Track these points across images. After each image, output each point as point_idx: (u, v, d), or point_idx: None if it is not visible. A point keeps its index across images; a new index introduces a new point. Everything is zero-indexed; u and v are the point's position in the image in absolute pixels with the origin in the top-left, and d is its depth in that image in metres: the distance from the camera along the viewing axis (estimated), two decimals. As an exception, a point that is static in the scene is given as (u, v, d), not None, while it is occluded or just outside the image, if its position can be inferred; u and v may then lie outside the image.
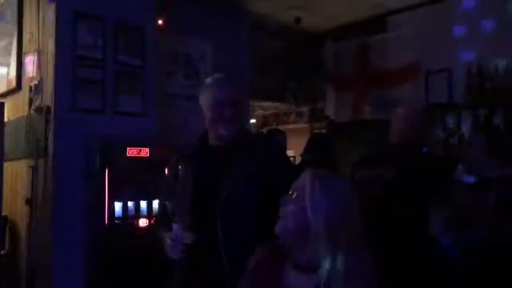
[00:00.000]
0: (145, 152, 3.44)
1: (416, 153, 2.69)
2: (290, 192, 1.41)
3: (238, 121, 1.90)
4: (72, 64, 3.37)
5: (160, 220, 2.02)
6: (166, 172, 2.47)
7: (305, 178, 1.38)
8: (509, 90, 4.11)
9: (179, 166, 1.87)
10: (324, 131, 5.43)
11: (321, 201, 1.33)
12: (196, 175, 1.86)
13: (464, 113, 4.38)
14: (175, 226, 1.78)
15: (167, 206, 1.93)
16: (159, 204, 1.93)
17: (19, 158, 3.63)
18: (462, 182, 3.31)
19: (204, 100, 1.96)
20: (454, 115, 4.43)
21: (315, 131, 5.67)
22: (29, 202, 3.38)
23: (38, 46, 3.51)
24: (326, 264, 1.28)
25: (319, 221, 1.31)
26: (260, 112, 6.60)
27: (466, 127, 4.29)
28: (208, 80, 2.04)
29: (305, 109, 5.83)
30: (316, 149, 3.61)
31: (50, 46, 3.39)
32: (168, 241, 1.80)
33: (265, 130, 6.06)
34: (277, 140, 3.87)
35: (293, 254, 1.39)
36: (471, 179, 2.93)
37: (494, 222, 2.53)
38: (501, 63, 4.16)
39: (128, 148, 3.36)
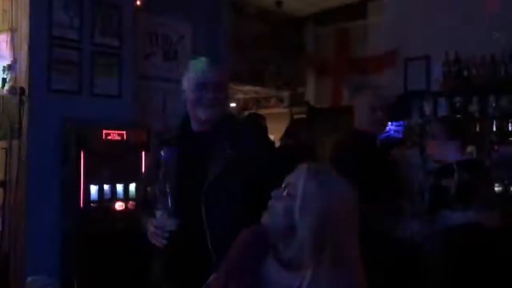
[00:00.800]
0: (121, 135, 3.41)
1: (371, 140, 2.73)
2: (282, 186, 1.35)
3: (220, 104, 1.86)
4: (47, 44, 3.30)
5: (143, 206, 1.98)
6: (148, 156, 2.44)
7: (300, 175, 1.31)
8: (485, 78, 4.16)
9: (161, 151, 1.85)
10: (303, 116, 5.44)
11: (312, 205, 1.26)
12: (179, 160, 1.83)
13: (440, 100, 4.42)
14: (158, 213, 1.75)
15: (149, 192, 1.89)
16: (141, 190, 1.89)
17: (-8, 140, 3.57)
18: (424, 168, 3.37)
19: (186, 82, 1.93)
20: (431, 102, 4.48)
21: (295, 116, 5.68)
22: (2, 184, 3.32)
23: (12, 24, 3.42)
24: (310, 266, 1.24)
25: (306, 226, 1.25)
26: (240, 96, 6.58)
27: (442, 114, 4.34)
28: (191, 62, 2.00)
29: (285, 94, 5.83)
30: (295, 134, 3.62)
31: (24, 25, 3.31)
32: (151, 228, 1.77)
33: (245, 114, 6.04)
34: (261, 125, 3.85)
35: (277, 248, 1.35)
36: (431, 165, 3.00)
37: (455, 206, 2.57)
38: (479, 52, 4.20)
39: (104, 131, 3.32)
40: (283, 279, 1.30)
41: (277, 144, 3.99)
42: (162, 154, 1.81)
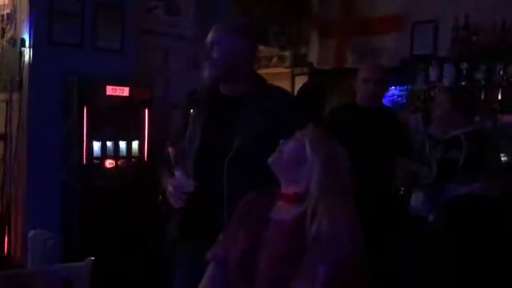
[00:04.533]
0: (125, 91, 3.34)
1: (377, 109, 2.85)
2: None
3: (216, 64, 1.81)
4: (49, -6, 3.18)
5: (164, 164, 1.93)
6: (178, 115, 2.41)
7: (306, 129, 1.48)
8: (494, 44, 4.09)
9: (190, 111, 1.82)
10: (310, 78, 5.37)
11: (320, 140, 1.44)
12: (206, 124, 1.81)
13: (446, 66, 4.36)
14: (178, 174, 1.73)
15: (171, 151, 1.85)
16: (166, 148, 1.87)
17: (-11, 91, 3.49)
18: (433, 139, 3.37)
19: None
20: (437, 68, 4.41)
21: (297, 75, 5.60)
22: (3, 137, 3.27)
23: (11, -28, 3.28)
24: (316, 188, 1.37)
25: (316, 154, 1.40)
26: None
27: (448, 81, 4.29)
28: None
29: (287, 53, 5.71)
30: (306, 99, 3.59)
31: (24, -27, 3.18)
32: (169, 188, 1.76)
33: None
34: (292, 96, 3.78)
35: (281, 187, 1.46)
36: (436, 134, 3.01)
37: (462, 179, 2.58)
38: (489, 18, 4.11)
39: (107, 87, 3.25)
40: (287, 211, 1.41)
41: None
42: (191, 114, 1.79)
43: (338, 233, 1.30)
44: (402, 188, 3.13)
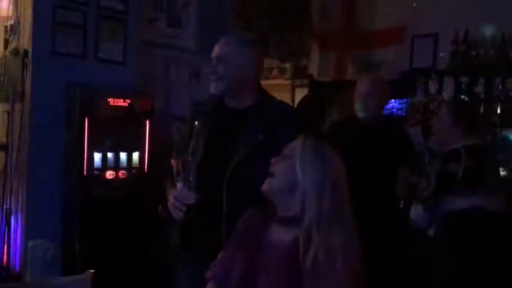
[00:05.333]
0: (126, 102, 3.35)
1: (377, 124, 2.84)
2: (281, 154, 1.46)
3: (221, 78, 1.83)
4: (52, 5, 3.20)
5: (168, 175, 1.95)
6: (183, 126, 2.43)
7: (297, 141, 1.45)
8: (493, 58, 4.12)
9: (195, 123, 1.84)
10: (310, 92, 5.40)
11: (310, 161, 1.39)
12: (210, 136, 1.82)
13: (446, 80, 4.39)
14: (180, 185, 1.74)
15: (174, 163, 1.87)
16: (169, 159, 1.88)
17: (-8, 101, 3.50)
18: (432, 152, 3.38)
19: None
20: (437, 81, 4.44)
21: (297, 87, 5.62)
22: (4, 147, 3.27)
23: (15, -17, 3.31)
24: (309, 214, 1.34)
25: (307, 178, 1.37)
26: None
27: (447, 94, 4.31)
28: None
29: (288, 65, 5.74)
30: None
31: (28, -16, 3.20)
32: (170, 199, 1.78)
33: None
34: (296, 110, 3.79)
35: (278, 210, 1.45)
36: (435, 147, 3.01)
37: (460, 192, 2.58)
38: (488, 32, 4.15)
39: (109, 98, 3.26)
40: (282, 234, 1.41)
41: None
42: (195, 126, 1.82)
43: (335, 264, 1.28)
44: (402, 202, 3.14)
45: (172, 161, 1.78)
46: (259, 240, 1.44)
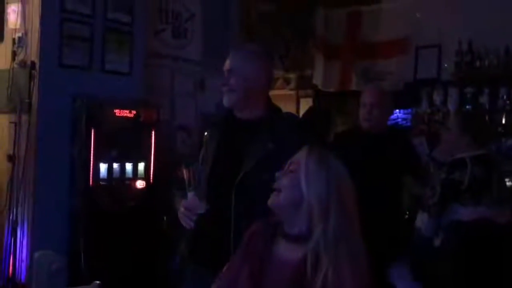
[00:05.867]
0: (132, 113, 3.37)
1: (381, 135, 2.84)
2: (286, 167, 1.44)
3: (232, 90, 1.85)
4: (59, 18, 3.24)
5: (177, 185, 1.95)
6: (194, 137, 2.45)
7: (301, 153, 1.42)
8: (498, 69, 4.13)
9: (205, 134, 1.85)
10: (310, 99, 5.42)
11: (315, 175, 1.36)
12: (219, 147, 1.84)
13: (451, 90, 4.40)
14: (190, 195, 1.75)
15: (185, 173, 1.88)
16: (178, 169, 1.90)
17: (-1, 112, 3.53)
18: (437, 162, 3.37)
19: None
20: (441, 92, 4.45)
21: (301, 98, 5.65)
22: (11, 158, 3.29)
23: (23, -5, 3.35)
24: (317, 234, 1.31)
25: (312, 194, 1.34)
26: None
27: (452, 104, 4.32)
28: None
29: (292, 75, 5.76)
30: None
31: (36, -3, 3.24)
32: (181, 209, 1.78)
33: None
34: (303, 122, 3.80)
35: (284, 226, 1.42)
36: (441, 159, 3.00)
37: (466, 201, 2.58)
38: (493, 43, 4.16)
39: (115, 109, 3.29)
40: (290, 251, 1.37)
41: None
42: (206, 136, 1.83)
43: (346, 285, 1.26)
44: (407, 212, 3.14)
45: (183, 171, 1.79)
46: (266, 254, 1.41)
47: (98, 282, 1.95)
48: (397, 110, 4.57)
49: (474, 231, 2.52)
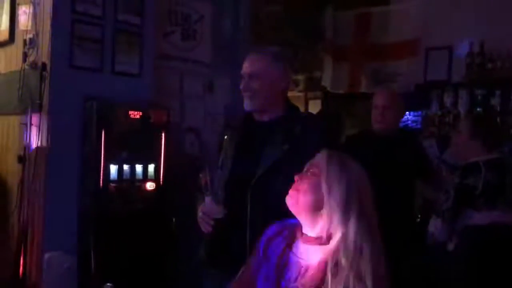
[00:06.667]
0: (142, 115, 3.37)
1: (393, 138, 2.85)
2: (305, 169, 1.43)
3: (254, 94, 1.84)
4: (70, 19, 3.24)
5: (199, 189, 1.96)
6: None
7: (322, 156, 1.41)
8: (509, 71, 4.10)
9: (224, 137, 1.85)
10: (319, 101, 5.40)
11: (336, 179, 1.35)
12: (237, 150, 1.83)
13: (461, 92, 4.37)
14: (207, 199, 1.75)
15: (203, 177, 1.87)
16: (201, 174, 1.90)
17: (10, 114, 3.54)
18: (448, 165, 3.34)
19: None
20: (452, 94, 4.42)
21: (310, 99, 5.63)
22: (21, 159, 3.30)
23: (34, -3, 3.36)
24: (337, 237, 1.30)
25: (333, 198, 1.33)
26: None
27: (462, 107, 4.29)
28: None
29: (301, 77, 5.76)
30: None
31: (47, -1, 3.25)
32: (199, 213, 1.79)
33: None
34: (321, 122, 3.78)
35: (303, 229, 1.41)
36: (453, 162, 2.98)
37: (480, 206, 2.55)
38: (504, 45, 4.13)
39: (126, 111, 3.28)
40: (309, 256, 1.36)
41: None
42: (225, 140, 1.83)
43: None
44: (419, 215, 3.11)
45: (201, 175, 1.79)
46: (283, 257, 1.41)
47: (110, 284, 1.94)
48: (407, 112, 4.54)
49: (488, 235, 2.50)
